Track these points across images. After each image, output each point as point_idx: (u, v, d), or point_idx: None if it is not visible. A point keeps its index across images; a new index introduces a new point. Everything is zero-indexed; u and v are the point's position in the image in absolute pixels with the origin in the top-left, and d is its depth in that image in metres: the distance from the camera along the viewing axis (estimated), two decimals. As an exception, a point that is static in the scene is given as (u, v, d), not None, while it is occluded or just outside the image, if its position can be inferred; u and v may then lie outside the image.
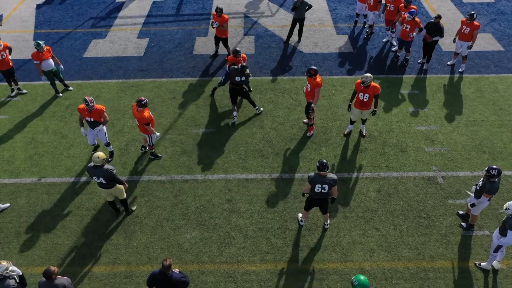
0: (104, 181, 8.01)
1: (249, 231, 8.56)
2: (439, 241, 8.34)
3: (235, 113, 10.97)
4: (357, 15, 14.88)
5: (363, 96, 9.71)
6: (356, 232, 8.51)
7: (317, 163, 7.70)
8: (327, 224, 8.54)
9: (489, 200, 7.93)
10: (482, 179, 7.74)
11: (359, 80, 9.73)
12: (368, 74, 9.53)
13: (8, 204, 9.06)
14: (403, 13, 12.52)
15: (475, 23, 11.80)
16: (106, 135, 9.78)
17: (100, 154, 7.82)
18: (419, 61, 13.11)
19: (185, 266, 7.99)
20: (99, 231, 8.62)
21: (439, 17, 11.79)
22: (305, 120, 10.85)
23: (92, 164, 7.97)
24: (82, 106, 9.29)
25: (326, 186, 7.64)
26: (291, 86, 12.31)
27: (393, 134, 10.69)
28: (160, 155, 10.17)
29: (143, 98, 9.01)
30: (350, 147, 10.37)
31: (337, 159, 10.06)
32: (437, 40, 12.15)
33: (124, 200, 8.59)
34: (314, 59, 13.45)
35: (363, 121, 10.52)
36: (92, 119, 9.37)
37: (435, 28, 11.83)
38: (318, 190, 7.69)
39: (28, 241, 8.45)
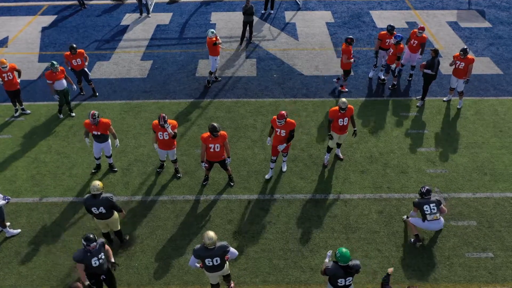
0: (104, 211, 7.77)
1: (250, 252, 8.50)
2: (442, 263, 8.27)
3: None
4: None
5: (343, 121, 9.62)
6: (358, 254, 8.44)
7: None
8: None
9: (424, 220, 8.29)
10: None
11: (335, 108, 9.57)
12: (344, 100, 9.35)
13: (19, 230, 8.96)
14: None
15: (469, 57, 11.52)
16: (110, 148, 9.97)
17: (98, 182, 7.65)
18: (418, 104, 12.47)
19: (186, 287, 7.91)
20: (99, 251, 8.56)
21: (434, 51, 11.55)
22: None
23: (88, 195, 7.74)
24: (88, 120, 9.45)
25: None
26: (293, 107, 12.43)
27: (394, 156, 10.73)
28: (179, 175, 10.20)
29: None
30: (352, 168, 10.40)
31: (338, 180, 10.07)
32: (431, 76, 11.72)
33: (118, 231, 8.39)
34: (315, 81, 13.63)
35: (338, 145, 10.49)
36: (99, 133, 9.50)
37: (429, 62, 11.62)
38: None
39: (28, 261, 8.38)
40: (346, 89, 13.13)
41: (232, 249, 6.92)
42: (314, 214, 9.28)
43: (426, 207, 8.20)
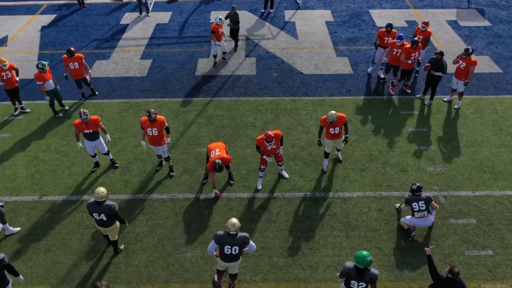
0: (105, 218, 7.67)
1: (250, 250, 8.50)
2: (442, 261, 8.27)
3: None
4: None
5: (334, 130, 9.52)
6: (358, 252, 8.44)
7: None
8: None
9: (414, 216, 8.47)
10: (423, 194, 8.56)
11: (324, 116, 9.46)
12: (333, 112, 9.23)
13: (18, 228, 8.95)
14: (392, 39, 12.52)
15: (472, 58, 11.40)
16: (104, 145, 9.91)
17: (102, 189, 7.57)
18: (418, 95, 12.67)
19: (186, 285, 7.90)
20: (99, 249, 8.56)
21: (440, 53, 11.50)
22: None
23: (92, 200, 7.67)
24: (78, 120, 9.45)
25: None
26: (292, 106, 12.43)
27: (393, 154, 10.73)
28: (173, 173, 10.21)
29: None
30: (351, 166, 10.40)
31: (338, 179, 10.07)
32: (440, 76, 11.77)
33: (114, 241, 8.25)
34: (314, 80, 13.62)
35: (338, 149, 10.44)
36: (90, 131, 9.50)
37: (437, 65, 11.58)
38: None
39: (27, 259, 8.38)
40: (409, 90, 12.94)
41: (252, 242, 7.04)
42: (313, 212, 9.28)
43: (415, 204, 8.38)
